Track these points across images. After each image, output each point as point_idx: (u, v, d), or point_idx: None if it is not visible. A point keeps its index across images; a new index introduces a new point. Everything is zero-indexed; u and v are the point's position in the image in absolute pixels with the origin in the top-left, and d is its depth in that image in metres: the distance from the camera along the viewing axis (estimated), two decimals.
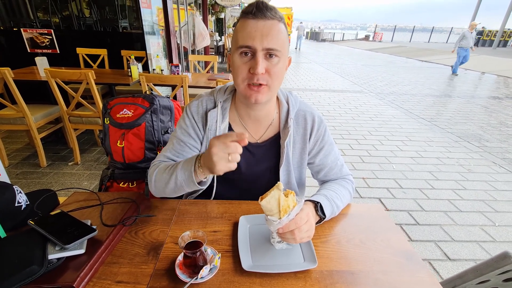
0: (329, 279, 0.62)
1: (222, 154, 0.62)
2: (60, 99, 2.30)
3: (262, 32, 0.68)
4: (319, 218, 0.76)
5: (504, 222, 2.05)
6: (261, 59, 0.69)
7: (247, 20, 0.69)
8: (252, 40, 0.68)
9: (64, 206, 0.81)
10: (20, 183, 2.25)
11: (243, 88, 0.74)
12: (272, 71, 0.71)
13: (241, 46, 0.70)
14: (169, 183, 0.76)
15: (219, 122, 0.85)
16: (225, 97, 0.87)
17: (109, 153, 1.22)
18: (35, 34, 2.97)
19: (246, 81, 0.73)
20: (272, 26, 0.69)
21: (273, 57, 0.71)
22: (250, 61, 0.71)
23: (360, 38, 30.87)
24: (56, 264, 0.60)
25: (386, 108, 5.03)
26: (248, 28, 0.69)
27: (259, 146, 0.88)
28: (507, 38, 20.09)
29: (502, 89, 7.21)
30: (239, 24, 0.72)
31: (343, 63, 11.35)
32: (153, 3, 3.66)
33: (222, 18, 10.42)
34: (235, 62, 0.72)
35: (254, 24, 0.68)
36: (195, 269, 0.59)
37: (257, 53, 0.69)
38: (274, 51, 0.70)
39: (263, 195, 0.63)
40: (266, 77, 0.71)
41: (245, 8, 0.71)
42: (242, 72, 0.72)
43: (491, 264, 0.66)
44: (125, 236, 0.72)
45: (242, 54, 0.71)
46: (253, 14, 0.68)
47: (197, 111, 0.87)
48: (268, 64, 0.71)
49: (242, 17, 0.71)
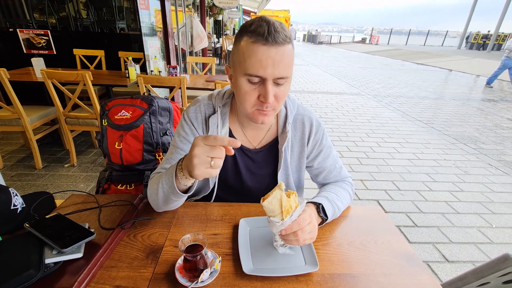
0: (330, 283, 0.61)
1: (204, 158, 0.56)
2: (57, 100, 2.28)
3: (274, 60, 0.63)
4: (321, 219, 0.76)
5: (501, 224, 2.06)
6: (271, 87, 0.66)
7: (258, 45, 0.63)
8: (264, 70, 0.64)
9: (61, 209, 0.80)
10: (15, 185, 2.21)
11: (251, 112, 0.72)
12: (280, 96, 0.70)
13: (250, 75, 0.66)
14: (158, 193, 0.72)
15: (220, 128, 0.83)
16: (224, 101, 0.85)
17: (107, 155, 1.21)
18: (31, 35, 2.95)
19: (255, 107, 0.71)
20: (284, 52, 0.64)
21: (282, 84, 0.69)
22: (258, 88, 0.68)
23: (357, 41, 31.12)
24: (53, 268, 0.59)
25: (383, 110, 5.06)
26: (259, 56, 0.63)
27: (258, 151, 0.88)
28: (501, 42, 20.40)
29: (497, 91, 7.30)
30: (247, 47, 0.64)
31: (340, 66, 11.41)
32: (151, 5, 3.66)
33: (220, 20, 10.44)
34: (242, 87, 0.68)
35: (265, 51, 0.63)
36: (195, 273, 0.59)
37: (267, 82, 0.66)
38: (284, 79, 0.67)
39: (265, 196, 0.62)
40: (274, 103, 0.70)
41: (254, 28, 0.64)
42: (251, 99, 0.69)
43: (492, 266, 0.66)
44: (124, 239, 0.71)
45: (250, 81, 0.67)
46: (264, 39, 0.62)
47: (195, 117, 0.85)
48: (277, 90, 0.69)
49: (251, 39, 0.64)
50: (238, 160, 0.88)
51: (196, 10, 6.99)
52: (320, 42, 29.12)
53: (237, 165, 0.88)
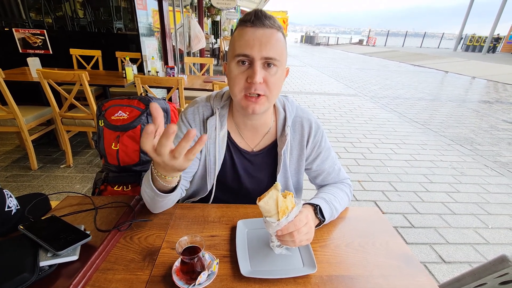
0: (328, 284, 0.61)
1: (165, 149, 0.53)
2: (53, 101, 2.26)
3: (260, 40, 0.66)
4: (319, 221, 0.75)
5: (496, 225, 2.08)
6: (259, 68, 0.67)
7: (245, 28, 0.67)
8: (251, 49, 0.66)
9: (57, 211, 0.79)
10: (9, 187, 2.19)
11: (240, 98, 0.72)
12: (270, 81, 0.69)
13: (238, 55, 0.68)
14: (144, 197, 0.73)
15: (218, 130, 0.83)
16: (223, 103, 0.85)
17: (103, 156, 1.20)
18: (27, 34, 2.92)
19: (243, 91, 0.70)
20: (271, 35, 0.67)
21: (271, 67, 0.69)
22: (247, 70, 0.69)
23: (354, 42, 31.29)
24: (48, 271, 0.58)
25: (380, 111, 5.09)
26: (246, 37, 0.67)
27: (256, 154, 0.88)
28: (496, 44, 20.63)
29: (492, 93, 7.38)
30: (236, 33, 0.70)
31: (338, 67, 11.46)
32: (149, 5, 3.65)
33: (217, 20, 10.44)
34: (232, 71, 0.70)
35: (252, 32, 0.67)
36: (192, 275, 0.58)
37: (255, 62, 0.67)
38: (273, 60, 0.68)
39: (261, 196, 0.62)
40: (263, 87, 0.70)
41: (243, 17, 0.69)
42: (240, 82, 0.70)
43: (489, 268, 0.67)
44: (120, 241, 0.70)
45: (239, 63, 0.69)
46: (251, 23, 0.67)
47: (193, 118, 0.84)
48: (266, 73, 0.69)
49: (240, 25, 0.69)
50: (236, 162, 0.87)
51: (194, 10, 6.99)
52: (318, 43, 29.23)
53: (236, 168, 0.88)
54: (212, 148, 0.84)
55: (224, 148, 0.85)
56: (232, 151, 0.87)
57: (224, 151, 0.85)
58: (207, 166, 0.86)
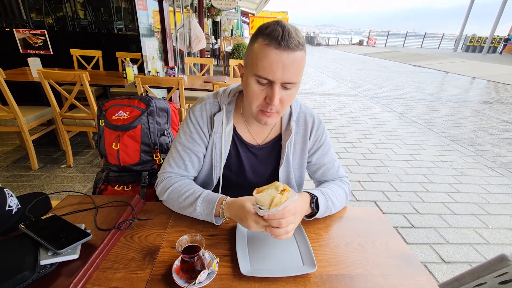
0: (328, 284, 0.61)
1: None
2: (53, 101, 2.26)
3: (284, 65, 0.65)
4: (311, 211, 0.77)
5: (497, 225, 2.08)
6: (278, 91, 0.68)
7: (270, 49, 0.64)
8: (273, 74, 0.66)
9: (57, 210, 0.79)
10: (10, 186, 2.19)
11: (256, 112, 0.75)
12: (285, 99, 0.72)
13: (260, 76, 0.67)
14: (186, 210, 0.78)
15: (224, 125, 0.85)
16: (229, 99, 0.87)
17: (104, 156, 1.20)
18: (28, 35, 2.93)
19: (260, 107, 0.73)
20: (295, 58, 0.66)
21: (289, 87, 0.70)
22: (266, 89, 0.70)
23: (355, 43, 31.28)
24: (49, 270, 0.58)
25: (381, 111, 5.09)
26: (270, 59, 0.65)
27: (261, 148, 0.90)
28: (496, 45, 20.64)
29: (492, 94, 7.37)
30: (260, 48, 0.66)
31: (338, 67, 11.47)
32: (149, 6, 3.66)
33: (218, 21, 10.45)
34: (251, 86, 0.71)
35: (277, 55, 0.64)
36: (192, 274, 0.58)
37: (274, 85, 0.68)
38: (291, 84, 0.69)
39: (260, 189, 0.63)
40: (278, 106, 0.72)
41: (270, 31, 0.65)
42: (258, 99, 0.72)
43: (488, 267, 0.67)
44: (120, 240, 0.71)
45: (259, 82, 0.69)
46: (277, 43, 0.64)
47: (201, 115, 0.86)
48: (283, 94, 0.70)
49: (265, 42, 0.65)
50: (242, 156, 0.90)
51: (194, 11, 7.00)
52: (318, 43, 29.25)
53: (241, 161, 0.90)
54: (218, 142, 0.86)
55: (230, 142, 0.87)
56: (238, 145, 0.89)
57: (229, 145, 0.87)
58: (212, 160, 0.88)
